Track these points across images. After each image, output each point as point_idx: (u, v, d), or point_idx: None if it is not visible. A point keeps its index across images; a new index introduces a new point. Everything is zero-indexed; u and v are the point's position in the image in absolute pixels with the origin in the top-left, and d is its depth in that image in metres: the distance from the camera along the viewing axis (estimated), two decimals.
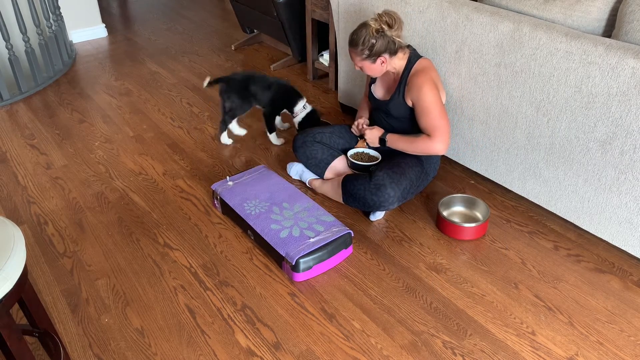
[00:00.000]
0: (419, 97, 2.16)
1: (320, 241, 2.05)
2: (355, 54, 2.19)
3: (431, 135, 2.20)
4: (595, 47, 1.87)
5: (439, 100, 2.17)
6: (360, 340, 1.81)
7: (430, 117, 2.17)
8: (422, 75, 2.17)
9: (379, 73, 2.24)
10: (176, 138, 2.98)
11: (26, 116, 3.23)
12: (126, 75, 3.74)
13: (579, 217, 2.15)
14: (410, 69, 2.22)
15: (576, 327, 1.85)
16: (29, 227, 2.34)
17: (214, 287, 2.02)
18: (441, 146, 2.20)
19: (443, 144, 2.19)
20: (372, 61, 2.18)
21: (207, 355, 1.77)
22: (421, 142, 2.22)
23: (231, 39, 4.35)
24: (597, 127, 1.95)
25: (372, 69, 2.22)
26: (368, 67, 2.21)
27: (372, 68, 2.21)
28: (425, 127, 2.20)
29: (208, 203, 2.46)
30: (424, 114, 2.18)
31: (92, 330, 1.86)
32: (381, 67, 2.20)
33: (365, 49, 2.14)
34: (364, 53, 2.15)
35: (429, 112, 2.16)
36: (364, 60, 2.18)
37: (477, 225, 2.20)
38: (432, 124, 2.18)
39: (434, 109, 2.16)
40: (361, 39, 2.13)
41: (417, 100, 2.18)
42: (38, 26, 3.54)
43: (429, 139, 2.20)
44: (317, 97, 3.40)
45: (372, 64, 2.19)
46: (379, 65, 2.19)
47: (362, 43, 2.13)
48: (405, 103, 2.24)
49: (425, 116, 2.18)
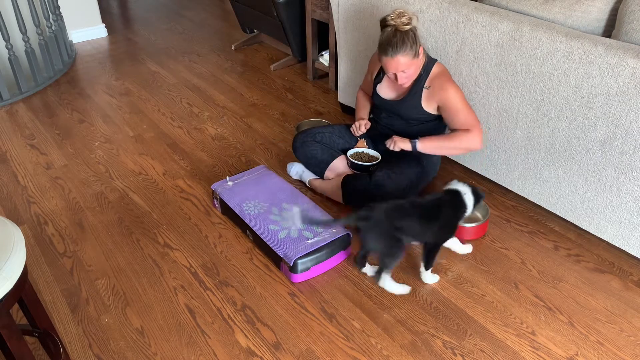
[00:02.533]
0: (447, 98, 2.15)
1: (318, 242, 2.05)
2: (403, 59, 2.06)
3: (470, 130, 2.16)
4: (595, 47, 1.87)
5: (464, 99, 2.17)
6: (360, 340, 1.81)
7: (463, 114, 2.15)
8: (443, 78, 2.17)
9: (419, 69, 2.17)
10: (176, 138, 2.98)
11: (26, 116, 3.23)
12: (126, 75, 3.74)
13: (579, 217, 2.15)
14: (428, 71, 2.19)
15: (576, 327, 1.85)
16: (29, 227, 2.34)
17: (214, 287, 2.02)
18: (479, 140, 2.17)
19: (480, 138, 2.17)
20: (418, 55, 2.10)
21: (207, 355, 1.77)
22: (460, 138, 2.17)
23: (231, 39, 4.35)
24: (597, 127, 1.95)
25: (418, 66, 2.15)
26: (416, 67, 2.13)
27: (418, 64, 2.14)
28: (461, 124, 2.17)
29: (208, 203, 2.46)
30: (458, 113, 2.16)
31: (92, 330, 1.86)
32: (422, 59, 2.15)
33: (412, 44, 2.05)
34: (413, 50, 2.06)
35: (461, 109, 2.15)
36: (413, 59, 2.08)
37: (477, 225, 2.20)
38: (467, 119, 2.16)
39: (464, 106, 2.15)
40: (402, 39, 2.03)
41: (446, 101, 2.16)
42: (38, 26, 3.54)
43: (468, 134, 2.16)
44: (317, 97, 3.40)
45: (418, 59, 2.11)
46: (421, 57, 2.13)
47: (406, 42, 2.04)
48: (420, 106, 2.23)
49: (459, 114, 2.16)
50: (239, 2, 3.86)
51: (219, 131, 3.04)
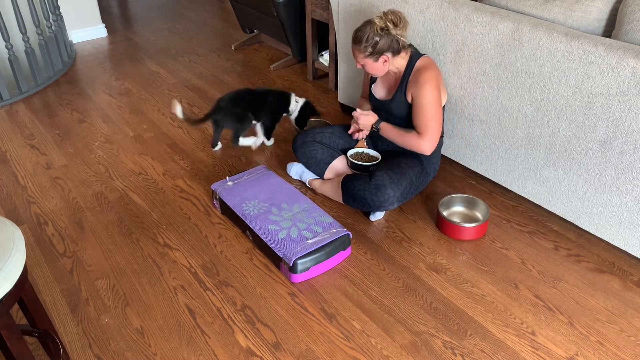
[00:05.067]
0: (418, 93, 2.16)
1: (318, 242, 2.05)
2: (358, 51, 2.17)
3: (421, 133, 2.21)
4: (595, 47, 1.87)
5: (437, 101, 2.17)
6: (360, 340, 1.81)
7: (424, 116, 2.17)
8: (426, 72, 2.16)
9: (381, 72, 2.23)
10: (176, 138, 2.98)
11: (26, 116, 3.23)
12: (126, 75, 3.74)
13: (579, 217, 2.15)
14: (412, 67, 2.21)
15: (576, 327, 1.85)
16: (29, 227, 2.34)
17: (213, 287, 2.02)
18: (428, 146, 2.21)
19: (430, 145, 2.21)
20: (375, 59, 2.17)
21: (207, 355, 1.77)
22: (410, 138, 2.23)
23: (231, 39, 4.35)
24: (597, 127, 1.95)
25: (374, 68, 2.21)
26: (370, 66, 2.20)
27: (374, 67, 2.20)
28: (417, 124, 2.21)
29: (208, 203, 2.46)
30: (419, 112, 2.18)
31: (92, 330, 1.86)
32: (383, 67, 2.20)
33: (369, 46, 2.12)
34: (367, 51, 2.14)
35: (425, 110, 2.16)
36: (366, 57, 2.16)
37: (477, 225, 2.20)
38: (424, 123, 2.18)
39: (430, 109, 2.16)
40: (365, 36, 2.12)
41: (416, 96, 2.17)
42: (38, 26, 3.54)
43: (417, 137, 2.22)
44: (317, 97, 3.40)
45: (374, 63, 2.18)
46: (380, 64, 2.18)
47: (365, 40, 2.12)
48: (407, 102, 2.24)
49: (419, 114, 2.18)
50: (239, 2, 3.86)
51: None
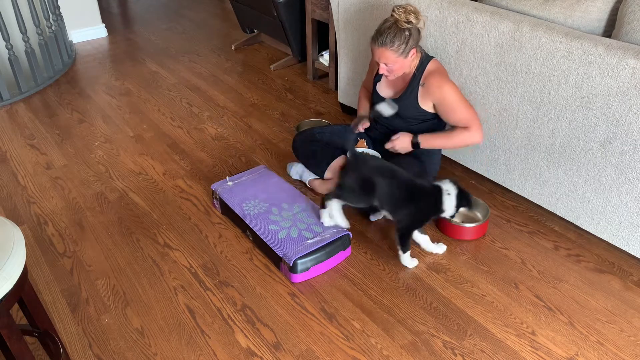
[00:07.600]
0: (443, 97, 2.16)
1: (318, 242, 2.05)
2: (390, 53, 2.09)
3: (468, 126, 2.19)
4: (595, 47, 1.87)
5: (460, 93, 2.17)
6: (360, 340, 1.81)
7: (461, 111, 2.16)
8: (438, 76, 2.16)
9: (407, 69, 2.19)
10: (176, 138, 2.98)
11: (26, 116, 3.23)
12: (126, 75, 3.74)
13: (579, 217, 2.15)
14: (423, 69, 2.20)
15: (576, 327, 1.85)
16: (29, 227, 2.34)
17: (214, 287, 2.02)
18: (479, 134, 2.19)
19: (481, 132, 2.20)
20: (405, 56, 2.11)
21: (207, 355, 1.77)
22: (459, 136, 2.20)
23: (231, 39, 4.35)
24: (597, 127, 1.95)
25: (403, 66, 2.16)
26: (400, 64, 2.14)
27: (404, 64, 2.15)
28: (458, 121, 2.19)
29: (208, 203, 2.46)
30: (453, 111, 2.17)
31: (92, 330, 1.86)
32: (410, 61, 2.16)
33: (402, 44, 2.07)
34: (400, 49, 2.08)
35: (458, 106, 2.16)
36: (399, 56, 2.10)
37: (477, 225, 2.20)
38: (465, 116, 2.17)
39: (461, 103, 2.16)
40: (394, 34, 2.05)
41: (442, 100, 2.16)
42: (38, 26, 3.54)
43: (466, 131, 2.19)
44: (317, 97, 3.40)
45: (405, 59, 2.13)
46: (409, 59, 2.14)
47: (398, 39, 2.06)
48: (418, 104, 2.23)
49: (455, 112, 2.17)
50: (239, 2, 3.86)
51: (219, 131, 3.04)
